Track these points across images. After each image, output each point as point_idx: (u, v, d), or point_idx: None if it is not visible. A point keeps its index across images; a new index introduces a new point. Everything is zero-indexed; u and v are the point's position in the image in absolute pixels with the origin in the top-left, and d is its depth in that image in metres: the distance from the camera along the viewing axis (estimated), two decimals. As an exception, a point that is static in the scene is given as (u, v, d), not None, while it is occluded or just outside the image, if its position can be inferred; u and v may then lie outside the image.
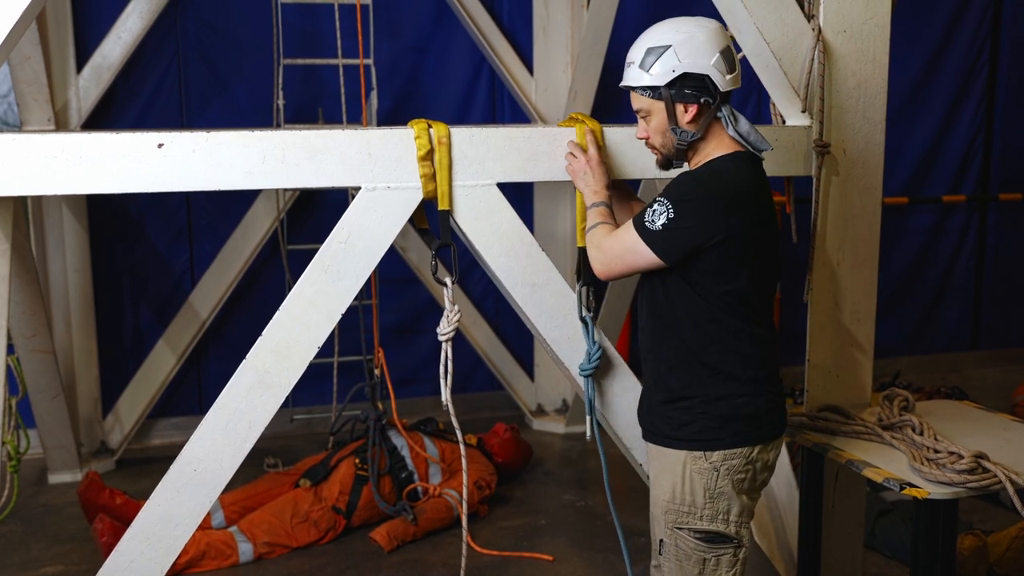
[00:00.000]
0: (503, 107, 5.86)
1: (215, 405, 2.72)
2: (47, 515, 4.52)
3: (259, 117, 5.32)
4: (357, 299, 4.25)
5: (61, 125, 4.90)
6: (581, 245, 2.83)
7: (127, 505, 4.10)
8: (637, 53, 2.50)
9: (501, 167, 2.83)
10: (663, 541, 2.54)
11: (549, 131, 2.89)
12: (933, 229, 6.76)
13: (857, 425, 2.98)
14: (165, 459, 3.03)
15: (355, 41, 4.93)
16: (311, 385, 5.21)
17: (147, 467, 5.06)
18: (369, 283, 4.62)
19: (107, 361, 5.31)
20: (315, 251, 2.74)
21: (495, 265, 2.87)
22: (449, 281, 2.80)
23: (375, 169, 2.73)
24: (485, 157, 2.81)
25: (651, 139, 2.56)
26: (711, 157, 2.48)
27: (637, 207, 2.91)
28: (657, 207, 2.39)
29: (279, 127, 4.98)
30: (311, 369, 2.82)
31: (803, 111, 3.08)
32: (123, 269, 5.41)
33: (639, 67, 2.48)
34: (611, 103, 5.59)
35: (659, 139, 2.54)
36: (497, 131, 2.84)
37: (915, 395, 3.40)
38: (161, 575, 2.72)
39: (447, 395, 2.81)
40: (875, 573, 3.86)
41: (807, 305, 3.18)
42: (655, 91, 2.47)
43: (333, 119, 5.24)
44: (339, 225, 2.73)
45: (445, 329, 2.78)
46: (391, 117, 5.51)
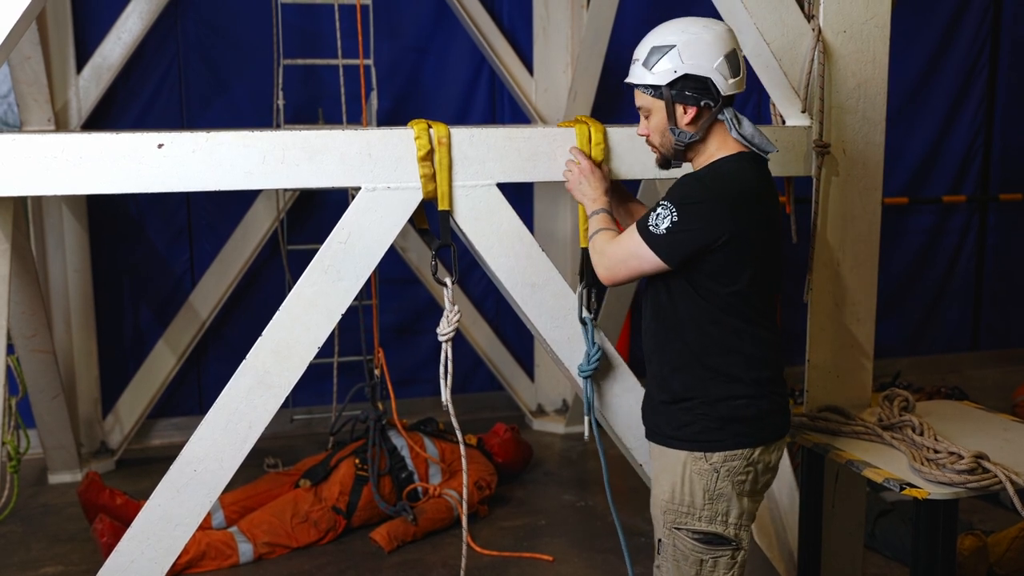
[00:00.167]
0: (503, 107, 5.86)
1: (215, 405, 2.72)
2: (47, 515, 4.52)
3: (259, 117, 5.32)
4: (357, 299, 4.25)
5: (61, 125, 4.90)
6: (584, 246, 2.83)
7: (127, 505, 4.10)
8: (642, 51, 2.49)
9: (501, 167, 2.83)
10: (661, 541, 2.54)
11: (549, 131, 2.89)
12: (933, 229, 6.76)
13: (857, 425, 2.98)
14: (165, 459, 3.03)
15: (355, 41, 4.93)
16: (311, 385, 5.21)
17: (147, 467, 5.06)
18: (369, 283, 4.62)
19: (107, 361, 5.31)
20: (315, 251, 2.74)
21: (495, 265, 2.87)
22: (449, 281, 2.80)
23: (375, 169, 2.73)
24: (485, 157, 2.81)
25: (651, 137, 2.56)
26: (714, 158, 2.47)
27: (636, 209, 2.91)
28: (661, 210, 2.38)
29: (279, 127, 4.98)
30: (311, 369, 2.82)
31: (803, 111, 3.08)
32: (123, 269, 5.41)
33: (642, 65, 2.48)
34: (611, 103, 5.59)
35: (658, 138, 2.54)
36: (497, 131, 2.84)
37: (915, 395, 3.40)
38: (161, 575, 2.73)
39: (447, 395, 2.81)
40: (875, 573, 3.86)
41: (807, 305, 3.18)
42: (656, 90, 2.47)
43: (333, 119, 5.24)
44: (339, 225, 2.73)
45: (445, 329, 2.78)
46: (391, 117, 5.51)
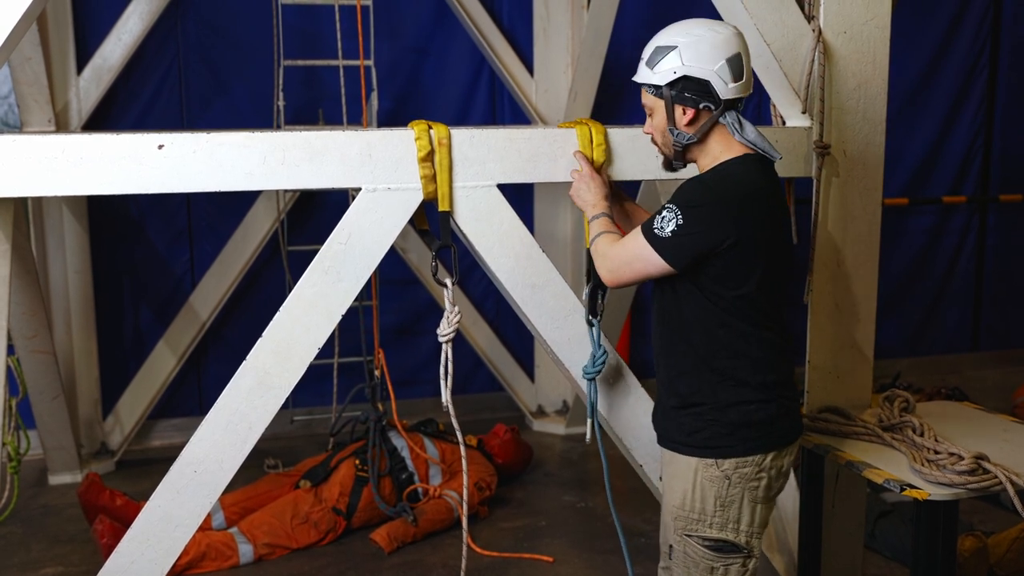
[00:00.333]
0: (503, 108, 5.86)
1: (215, 406, 2.72)
2: (47, 516, 4.52)
3: (259, 118, 5.32)
4: (357, 300, 4.24)
5: (61, 126, 4.90)
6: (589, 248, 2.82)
7: (127, 506, 4.09)
8: (648, 49, 2.50)
9: (501, 168, 2.83)
10: (672, 547, 2.52)
11: (549, 132, 2.89)
12: (933, 230, 6.76)
13: (857, 426, 2.98)
14: (165, 460, 3.03)
15: (355, 42, 4.93)
16: (311, 386, 5.20)
17: (147, 468, 5.06)
18: (369, 284, 4.62)
19: (107, 362, 5.31)
20: (315, 252, 2.75)
21: (495, 266, 2.87)
22: (449, 282, 2.80)
23: (375, 170, 2.73)
24: (485, 158, 2.81)
25: (654, 137, 2.57)
26: (719, 160, 2.46)
27: (635, 213, 2.90)
28: (666, 213, 2.38)
29: (279, 128, 4.98)
30: (311, 370, 2.82)
31: (803, 112, 3.08)
32: (123, 270, 5.41)
33: (646, 64, 2.49)
34: (612, 104, 5.59)
35: (659, 138, 2.55)
36: (497, 132, 2.84)
37: (915, 396, 3.40)
38: (161, 576, 2.73)
39: (447, 396, 2.81)
40: (875, 574, 3.86)
41: (807, 306, 3.18)
42: (658, 90, 2.47)
43: (333, 120, 5.24)
44: (339, 226, 2.73)
45: (445, 330, 2.78)
46: (391, 118, 5.51)
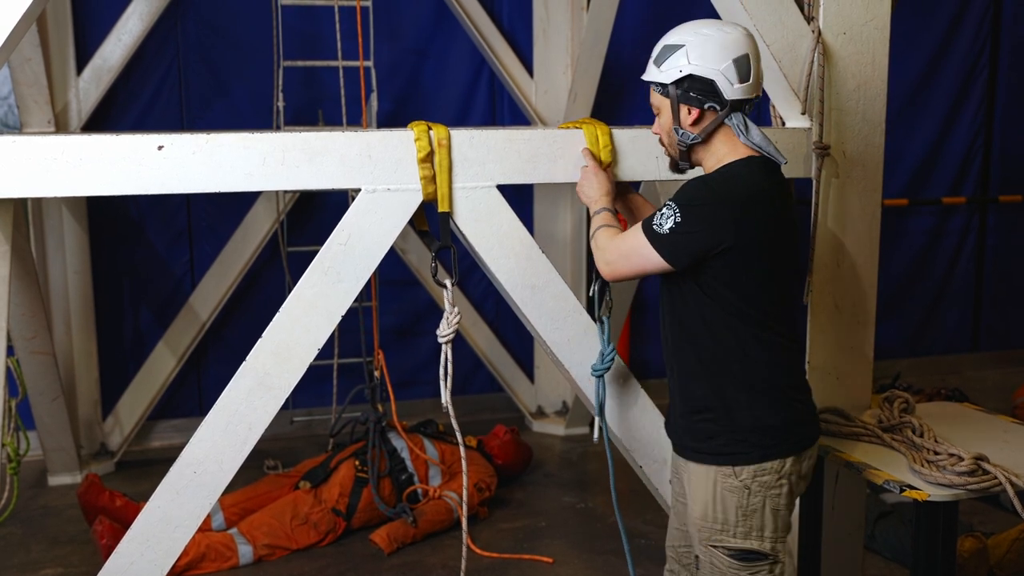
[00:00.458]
0: (503, 109, 5.86)
1: (215, 407, 2.72)
2: (47, 517, 4.52)
3: (259, 119, 5.32)
4: (357, 301, 4.25)
5: (61, 127, 4.90)
6: None
7: (127, 507, 4.09)
8: (657, 48, 2.49)
9: (501, 169, 2.83)
10: (698, 557, 2.50)
11: (549, 133, 2.90)
12: (933, 231, 6.76)
13: (857, 427, 2.98)
14: (165, 461, 3.03)
15: (355, 43, 4.93)
16: (311, 387, 5.20)
17: (147, 469, 5.06)
18: (369, 285, 4.62)
19: (107, 363, 5.30)
20: (315, 253, 2.74)
21: (495, 267, 2.87)
22: (449, 283, 2.79)
23: (375, 171, 2.73)
24: (485, 159, 2.81)
25: (661, 137, 2.56)
26: (724, 162, 2.44)
27: (644, 208, 2.89)
28: (666, 210, 2.37)
29: (279, 129, 4.98)
30: (311, 371, 2.82)
31: (803, 113, 3.08)
32: (123, 271, 5.41)
33: (654, 62, 2.48)
34: (611, 105, 5.59)
35: (666, 137, 2.54)
36: (497, 133, 2.84)
37: (915, 397, 3.40)
38: (161, 577, 2.73)
39: (447, 397, 2.81)
40: (875, 575, 3.86)
41: (807, 307, 3.18)
42: (664, 88, 2.46)
43: (333, 121, 5.24)
44: (339, 227, 2.73)
45: (445, 331, 2.78)
46: (391, 119, 5.51)
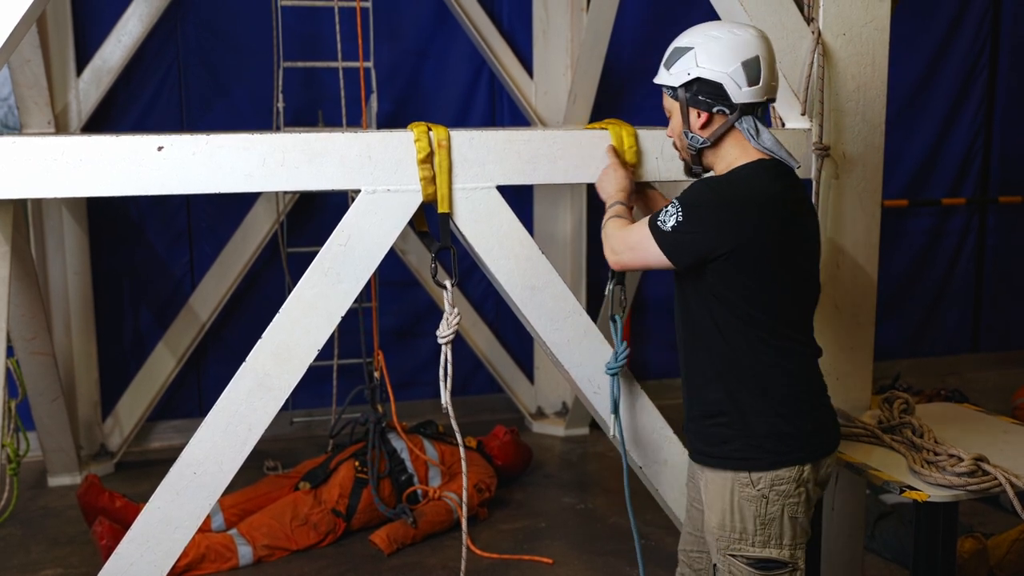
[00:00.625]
0: (503, 110, 5.86)
1: (215, 408, 2.72)
2: (46, 518, 4.52)
3: (259, 120, 5.32)
4: (357, 302, 4.25)
5: (61, 128, 4.90)
6: None
7: (127, 508, 4.09)
8: (668, 50, 2.47)
9: (501, 170, 2.83)
10: (717, 566, 2.48)
11: (549, 134, 2.90)
12: (933, 231, 6.76)
13: (857, 428, 2.98)
14: (165, 462, 3.03)
15: (355, 44, 4.93)
16: (311, 388, 5.20)
17: (147, 470, 5.06)
18: (369, 286, 4.62)
19: (107, 364, 5.30)
20: (315, 254, 2.74)
21: (495, 268, 2.87)
22: (449, 284, 2.80)
23: (375, 172, 2.73)
24: (485, 160, 2.81)
25: (674, 140, 2.54)
26: (734, 166, 2.40)
27: (659, 201, 2.89)
28: (670, 208, 2.37)
29: (279, 130, 4.98)
30: (311, 372, 2.82)
31: (803, 114, 3.08)
32: (123, 272, 5.41)
33: (664, 64, 2.46)
34: (611, 106, 5.58)
35: (677, 141, 2.52)
36: (497, 134, 2.84)
37: (915, 398, 3.40)
38: (161, 578, 2.73)
39: (447, 398, 2.80)
40: (875, 576, 3.86)
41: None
42: (673, 91, 2.45)
43: (333, 122, 5.24)
44: (339, 228, 2.73)
45: (445, 332, 2.78)
46: (391, 120, 5.51)
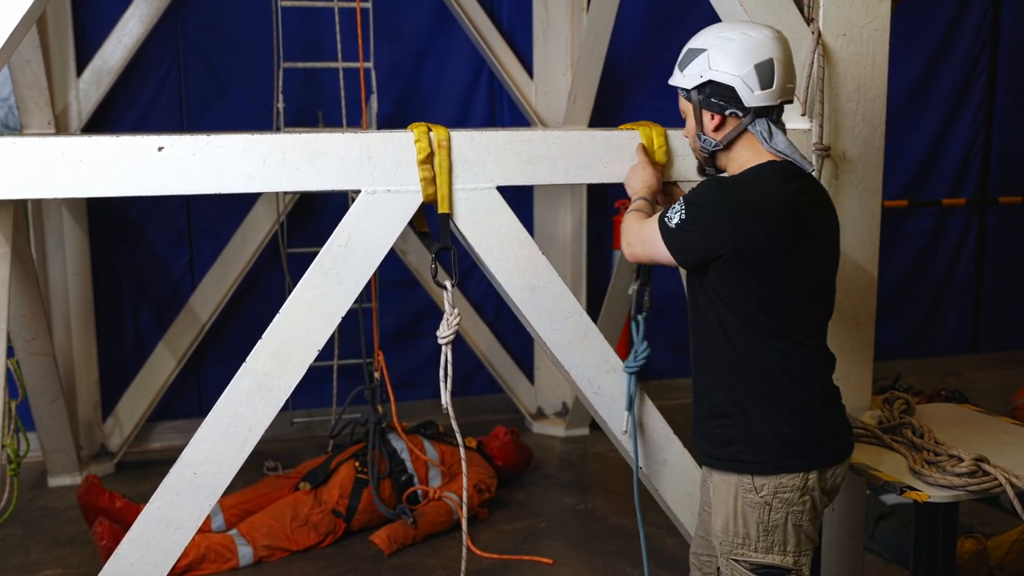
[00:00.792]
0: (503, 110, 5.86)
1: (215, 408, 2.72)
2: (46, 518, 4.52)
3: (259, 121, 5.32)
4: (357, 302, 4.25)
5: (61, 128, 4.90)
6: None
7: (127, 508, 4.09)
8: (683, 52, 2.46)
9: (501, 170, 2.84)
10: (720, 570, 2.48)
11: (549, 135, 2.90)
12: (933, 232, 6.76)
13: (857, 428, 2.98)
14: (165, 462, 3.04)
15: (355, 45, 4.93)
16: (311, 388, 5.21)
17: (147, 470, 5.06)
18: (369, 286, 4.62)
19: (107, 364, 5.30)
20: (315, 254, 2.75)
21: (495, 268, 2.87)
22: (449, 284, 2.80)
23: (375, 172, 2.73)
24: (485, 160, 2.82)
25: (690, 142, 2.54)
26: (745, 168, 2.39)
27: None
28: (677, 205, 2.37)
29: (279, 131, 4.98)
30: (311, 372, 2.82)
31: (803, 114, 3.08)
32: (123, 272, 5.41)
33: (678, 66, 2.45)
34: (611, 106, 5.59)
35: (692, 142, 2.52)
36: (497, 134, 2.85)
37: (915, 398, 3.40)
38: (161, 578, 2.73)
39: (447, 398, 2.81)
40: (875, 576, 3.86)
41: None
42: (687, 93, 2.44)
43: (333, 123, 5.24)
44: (339, 228, 2.74)
45: (445, 332, 2.78)
46: (391, 121, 5.51)
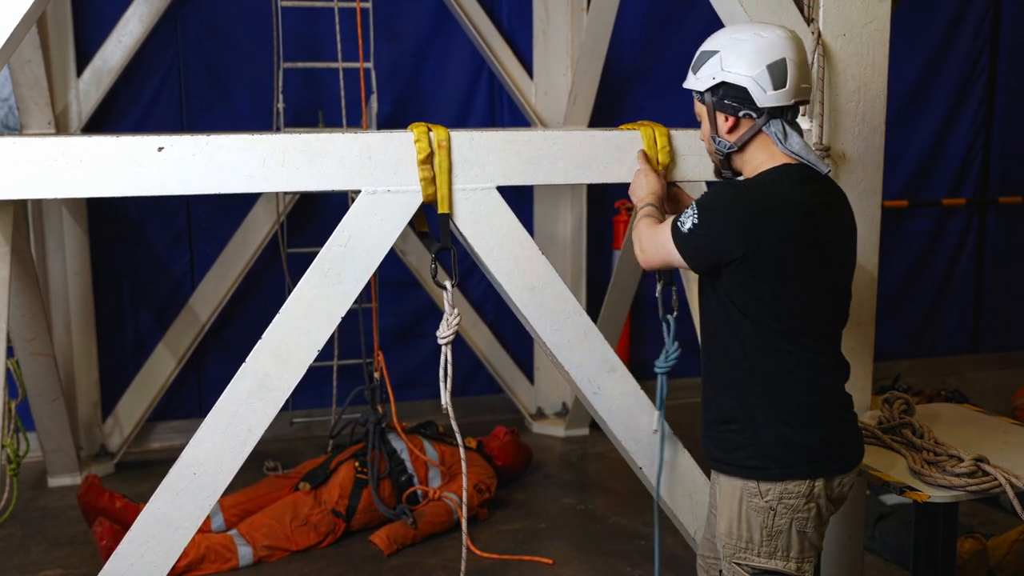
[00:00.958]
0: (503, 111, 5.86)
1: (215, 408, 2.72)
2: (46, 518, 4.51)
3: (259, 121, 5.32)
4: (357, 302, 4.25)
5: (61, 128, 4.90)
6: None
7: (127, 508, 4.09)
8: (696, 54, 2.45)
9: (501, 170, 2.84)
10: (722, 573, 2.47)
11: (549, 135, 2.90)
12: (933, 232, 6.76)
13: (857, 428, 2.98)
14: (165, 462, 3.03)
15: (355, 45, 4.94)
16: (311, 388, 5.21)
17: (147, 470, 5.05)
18: (369, 286, 4.62)
19: (107, 364, 5.30)
20: (315, 254, 2.75)
21: (495, 268, 2.88)
22: (449, 284, 2.80)
23: (375, 173, 2.73)
24: (485, 160, 2.82)
25: (706, 144, 2.53)
26: (760, 170, 2.37)
27: (684, 199, 2.90)
28: (689, 210, 2.35)
29: (279, 131, 4.98)
30: (311, 372, 2.82)
31: (803, 115, 3.08)
32: (123, 272, 5.41)
33: (691, 68, 2.45)
34: (611, 106, 5.59)
35: (707, 145, 2.50)
36: (497, 135, 2.85)
37: (915, 398, 3.40)
38: (161, 578, 2.73)
39: (447, 398, 2.81)
40: (875, 576, 3.86)
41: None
42: (701, 95, 2.43)
43: (333, 123, 5.24)
44: (339, 228, 2.74)
45: (445, 332, 2.78)
46: (391, 121, 5.51)
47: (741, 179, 2.43)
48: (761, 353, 2.33)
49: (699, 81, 2.41)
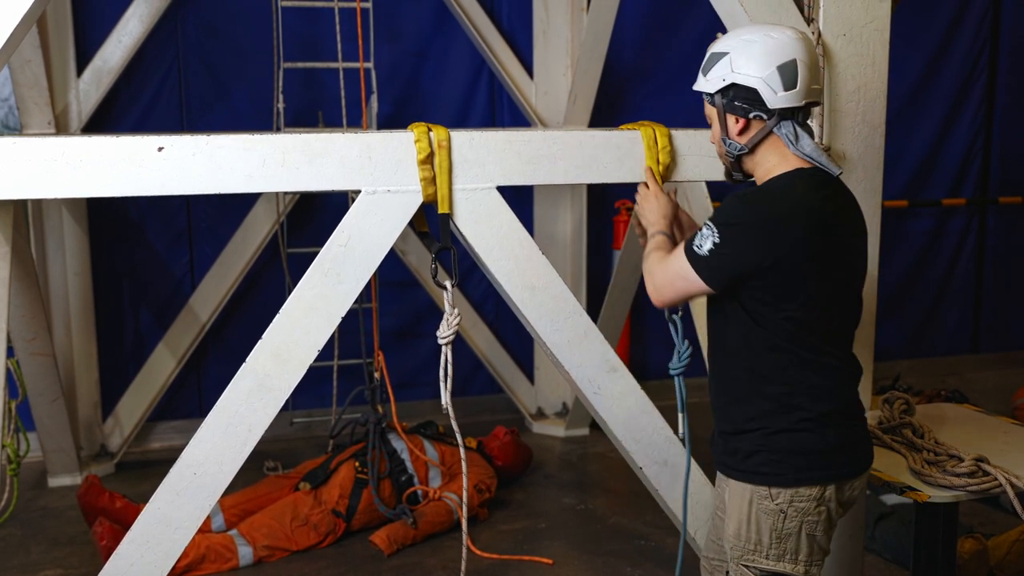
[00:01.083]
0: (503, 111, 5.86)
1: (215, 408, 2.72)
2: (46, 518, 4.51)
3: (259, 121, 5.32)
4: (357, 302, 4.25)
5: (61, 128, 4.90)
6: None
7: (127, 508, 4.09)
8: (706, 56, 2.43)
9: (501, 170, 2.84)
10: (729, 574, 2.46)
11: (549, 135, 2.90)
12: (933, 232, 6.76)
13: (857, 428, 2.98)
14: (165, 462, 3.03)
15: (355, 45, 4.94)
16: (311, 388, 5.21)
17: (147, 470, 5.05)
18: (369, 286, 4.62)
19: (107, 364, 5.30)
20: (315, 254, 2.75)
21: (495, 268, 2.88)
22: (449, 284, 2.80)
23: (375, 173, 2.73)
24: (485, 160, 2.82)
25: (717, 147, 2.49)
26: (773, 173, 2.34)
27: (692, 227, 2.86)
28: (705, 231, 2.30)
29: (279, 131, 4.98)
30: (311, 372, 2.82)
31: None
32: (123, 272, 5.41)
33: (701, 71, 2.43)
34: (611, 106, 5.59)
35: (717, 147, 2.48)
36: (497, 135, 2.85)
37: (915, 398, 3.40)
38: (161, 578, 2.73)
39: (447, 398, 2.81)
40: (875, 576, 3.86)
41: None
42: (711, 97, 2.41)
43: (333, 123, 5.24)
44: (339, 228, 2.74)
45: (445, 332, 2.78)
46: (391, 121, 5.51)
47: (751, 189, 2.40)
48: (774, 359, 2.31)
49: (709, 83, 2.39)
